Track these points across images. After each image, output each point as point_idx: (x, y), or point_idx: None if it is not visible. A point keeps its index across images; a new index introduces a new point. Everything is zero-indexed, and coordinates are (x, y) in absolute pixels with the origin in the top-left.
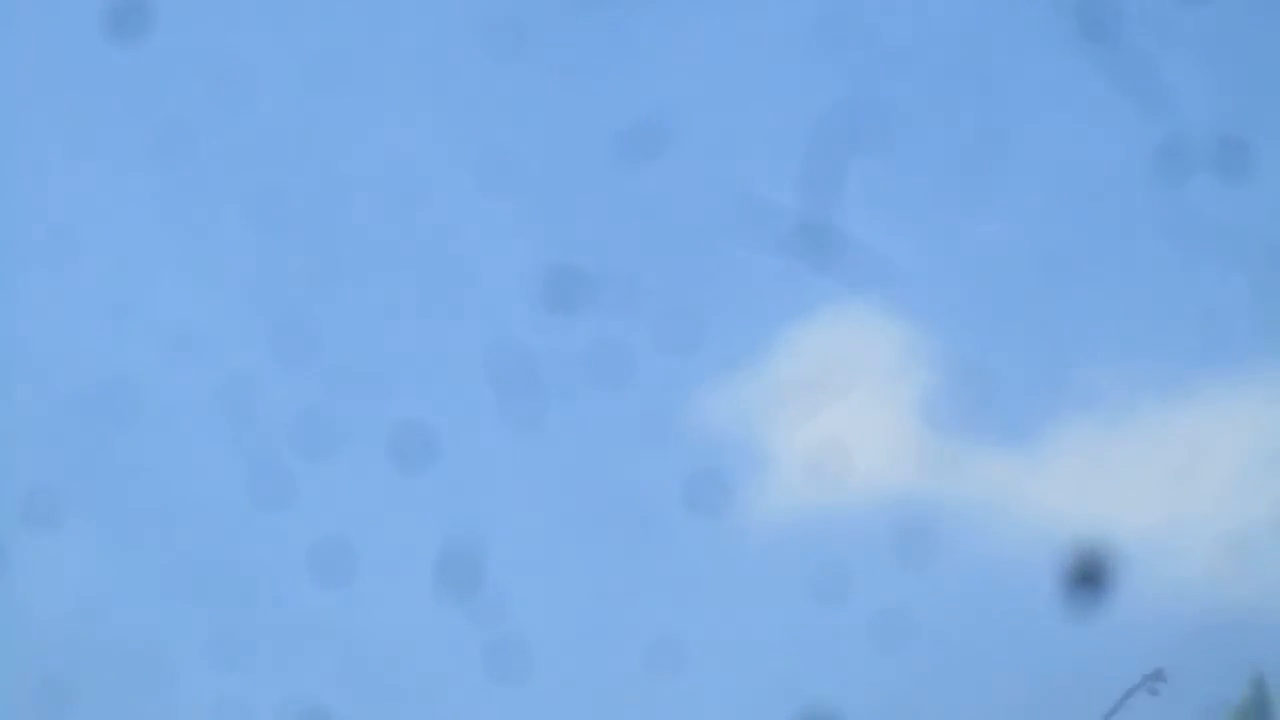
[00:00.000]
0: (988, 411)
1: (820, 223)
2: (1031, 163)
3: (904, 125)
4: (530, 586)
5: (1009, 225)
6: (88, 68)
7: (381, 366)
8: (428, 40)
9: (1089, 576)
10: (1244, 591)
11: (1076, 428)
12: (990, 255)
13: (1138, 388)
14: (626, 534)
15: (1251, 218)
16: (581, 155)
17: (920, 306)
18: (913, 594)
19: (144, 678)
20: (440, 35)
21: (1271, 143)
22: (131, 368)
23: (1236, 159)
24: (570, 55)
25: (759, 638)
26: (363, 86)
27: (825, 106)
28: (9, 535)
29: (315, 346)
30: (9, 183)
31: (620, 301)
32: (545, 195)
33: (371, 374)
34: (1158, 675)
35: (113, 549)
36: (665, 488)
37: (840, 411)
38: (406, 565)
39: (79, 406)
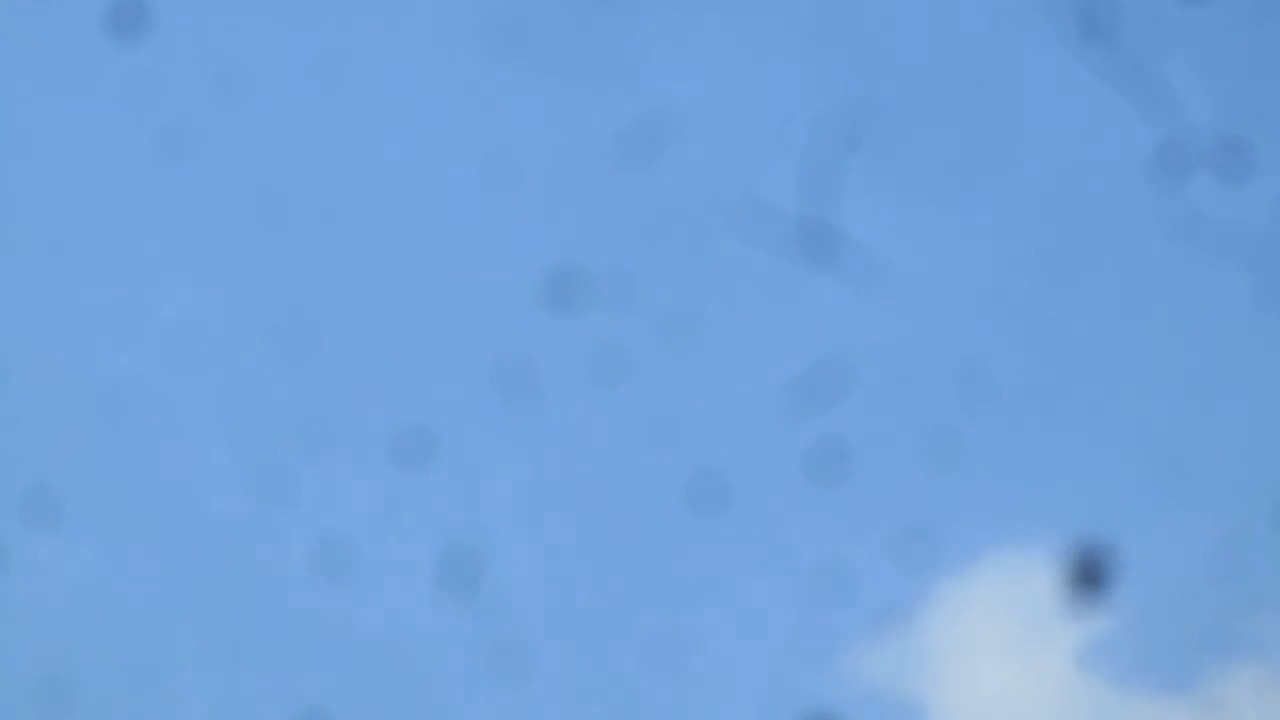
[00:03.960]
0: (1152, 658)
1: (820, 223)
2: (1031, 162)
3: (904, 125)
4: (530, 586)
5: (1009, 225)
6: (88, 68)
7: (381, 366)
8: (428, 40)
9: (1089, 576)
10: None
11: (1244, 677)
12: (990, 256)
13: None
14: (626, 534)
15: (1252, 218)
16: (581, 155)
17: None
18: None
19: (144, 678)
20: (440, 35)
21: (1272, 143)
22: (131, 368)
23: (1236, 159)
24: (570, 55)
25: (759, 638)
26: (363, 86)
27: (825, 106)
28: (9, 535)
29: (315, 346)
30: (8, 183)
31: (620, 301)
32: (545, 195)
33: (371, 374)
34: None
35: (113, 549)
36: (665, 487)
37: (995, 666)
38: (406, 565)
39: (79, 406)
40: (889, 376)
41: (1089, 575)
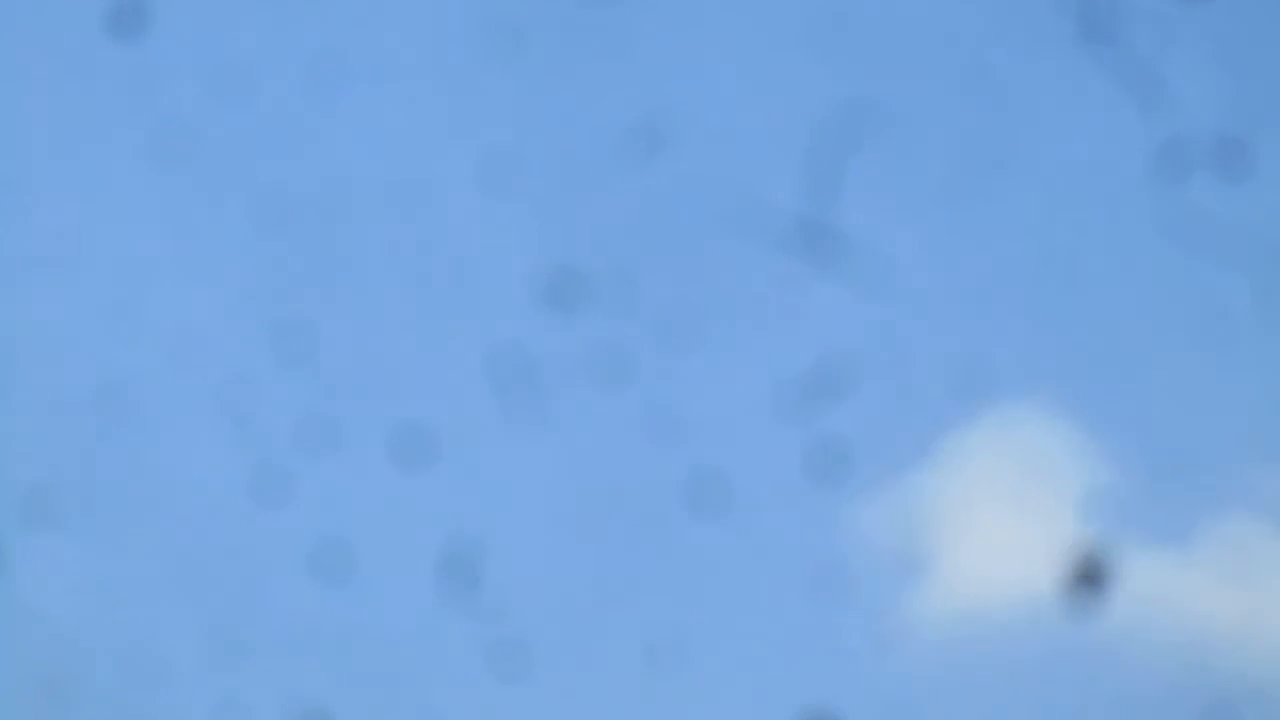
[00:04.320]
0: (1146, 509)
1: (820, 222)
2: (1031, 162)
3: (904, 125)
4: (530, 586)
5: (1009, 224)
6: (88, 68)
7: (381, 366)
8: (428, 40)
9: (1089, 576)
10: None
11: (1235, 527)
12: (990, 256)
13: None
14: (626, 534)
15: (1252, 218)
16: (581, 155)
17: (1081, 403)
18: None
19: (144, 678)
20: (440, 35)
21: (1272, 143)
22: (131, 368)
23: (1237, 159)
24: (570, 55)
25: (759, 638)
26: (363, 86)
27: (825, 106)
28: (9, 535)
29: (315, 346)
30: (7, 183)
31: (620, 301)
32: (545, 195)
33: (371, 374)
34: None
35: (113, 549)
36: (665, 488)
37: (996, 512)
38: (406, 565)
39: (79, 406)
40: (889, 377)
41: (1089, 575)
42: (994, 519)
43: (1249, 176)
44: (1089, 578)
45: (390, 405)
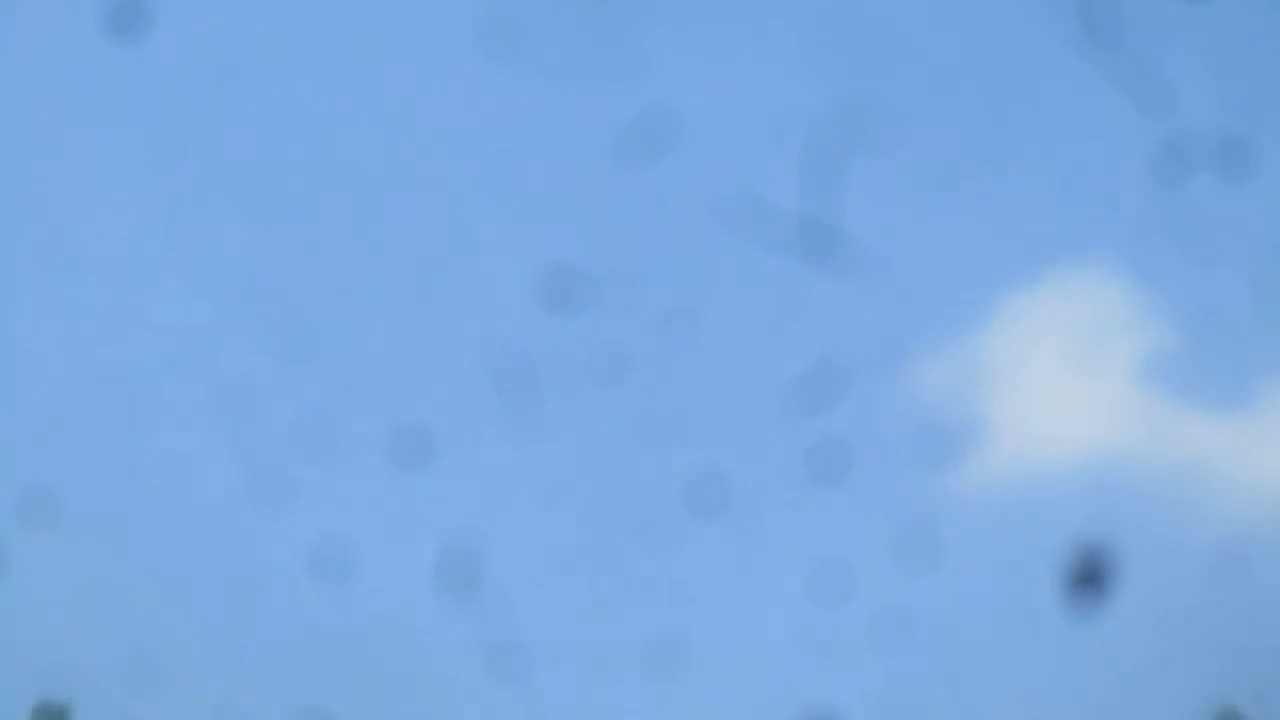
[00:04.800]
0: (1203, 374)
1: (821, 222)
2: (1031, 162)
3: (904, 125)
4: (530, 586)
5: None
6: (88, 68)
7: (381, 366)
8: (428, 40)
9: (1089, 576)
10: None
11: None
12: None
13: None
14: (626, 534)
15: (1252, 217)
16: (581, 155)
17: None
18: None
19: (144, 678)
20: (440, 35)
21: (1272, 143)
22: (131, 368)
23: (1237, 159)
24: (571, 55)
25: (759, 638)
26: (363, 86)
27: (825, 106)
28: (9, 535)
29: (315, 346)
30: (7, 182)
31: (620, 301)
32: (545, 195)
33: (371, 374)
34: None
35: (113, 549)
36: (665, 487)
37: (1050, 372)
38: (406, 565)
39: (79, 406)
40: (889, 377)
41: (1089, 575)
42: (1054, 381)
43: (1248, 176)
44: (1089, 578)
45: (390, 405)
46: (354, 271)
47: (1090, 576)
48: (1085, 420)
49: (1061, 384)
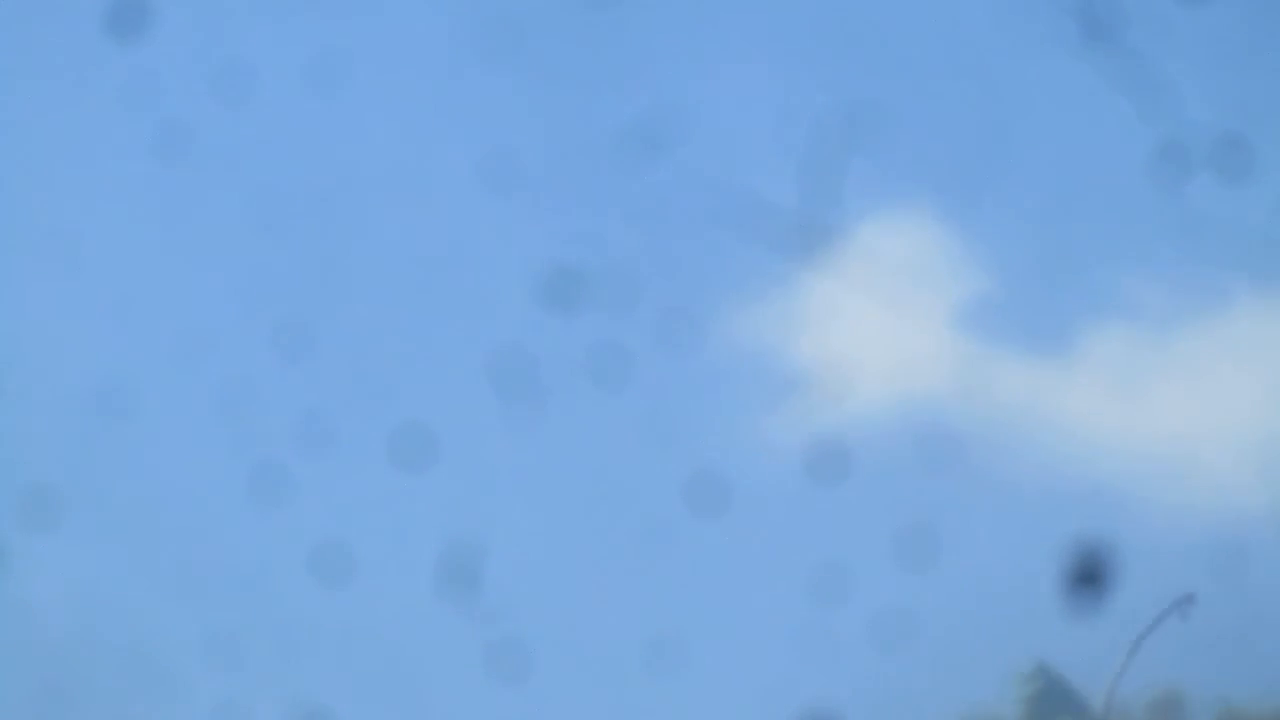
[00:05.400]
0: (1023, 319)
1: (820, 222)
2: (1031, 162)
3: (904, 125)
4: (530, 586)
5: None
6: (88, 68)
7: (381, 366)
8: (428, 40)
9: (1089, 576)
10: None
11: (1112, 336)
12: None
13: (1176, 296)
14: (626, 534)
15: (1252, 218)
16: (581, 154)
17: (964, 214)
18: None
19: (144, 678)
20: (440, 35)
21: (1272, 143)
22: (131, 368)
23: (1237, 159)
24: (570, 55)
25: (759, 638)
26: (363, 86)
27: (825, 106)
28: (9, 535)
29: (315, 346)
30: (9, 183)
31: (620, 301)
32: (545, 194)
33: (371, 374)
34: (1188, 600)
35: (113, 549)
36: (665, 487)
37: (873, 318)
38: (406, 565)
39: (79, 406)
40: (889, 377)
41: (1089, 575)
42: (872, 326)
43: (1248, 176)
44: (1089, 578)
45: (390, 405)
46: (354, 271)
47: (1089, 577)
48: (904, 365)
49: (882, 329)
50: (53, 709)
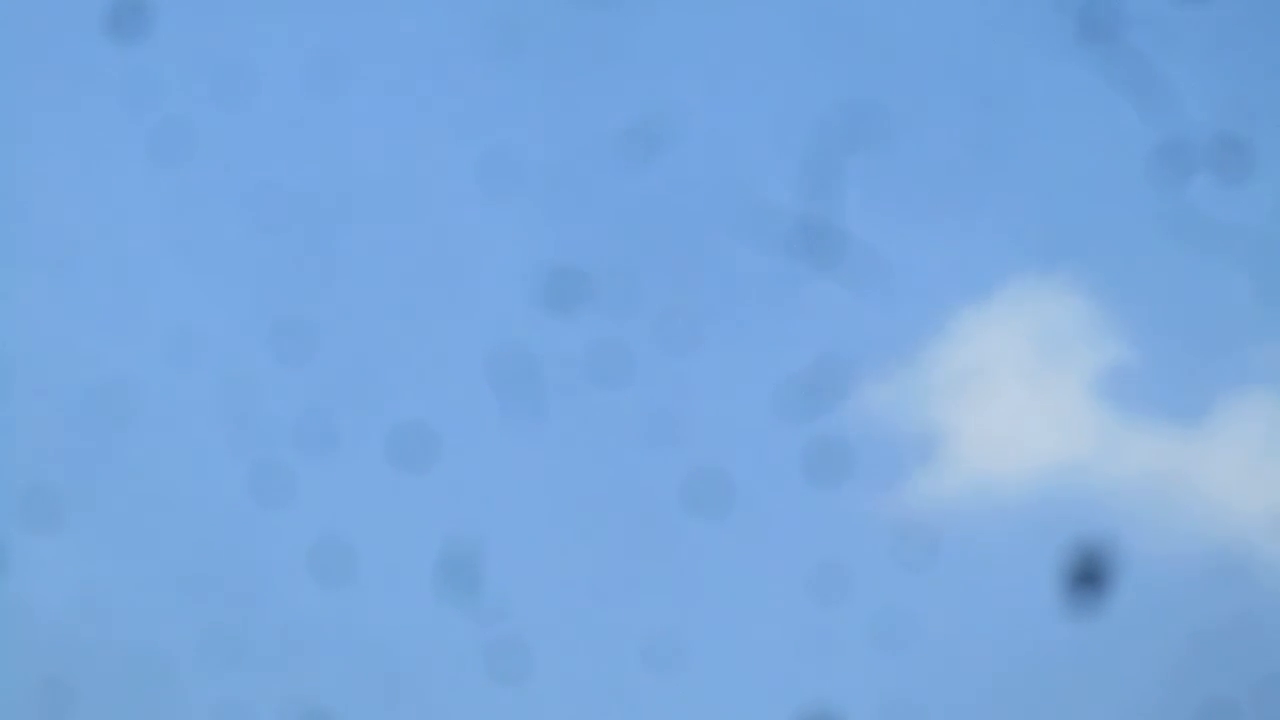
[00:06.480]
0: (1160, 387)
1: (820, 223)
2: (1031, 162)
3: (904, 125)
4: (530, 586)
5: (1009, 224)
6: (88, 68)
7: (381, 366)
8: (427, 40)
9: (1089, 576)
10: None
11: (1253, 405)
12: (990, 255)
13: None
14: (626, 534)
15: (1252, 218)
16: (581, 155)
17: (1097, 279)
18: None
19: (144, 678)
20: (440, 35)
21: (1272, 143)
22: (131, 368)
23: (1237, 159)
24: (570, 55)
25: (759, 638)
26: (363, 86)
27: (825, 106)
28: (9, 535)
29: (315, 346)
30: (8, 183)
31: (620, 301)
32: (545, 195)
33: (371, 374)
34: None
35: (113, 549)
36: (665, 487)
37: (1008, 389)
38: (406, 565)
39: (79, 406)
40: (889, 376)
41: (1089, 575)
42: (1010, 395)
43: (1248, 176)
44: (1089, 577)
45: (390, 405)
46: (354, 271)
47: (1090, 576)
48: (1044, 434)
49: (1021, 397)
50: (53, 709)
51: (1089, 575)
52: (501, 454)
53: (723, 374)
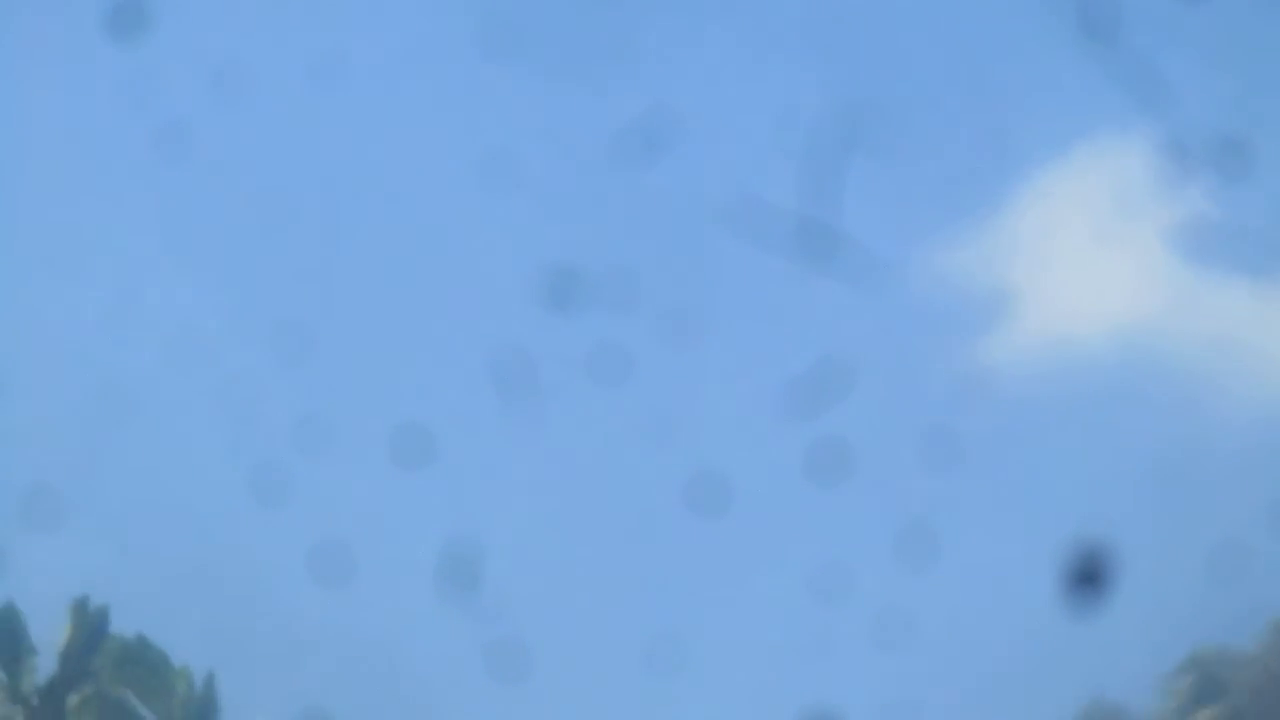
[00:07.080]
0: (1242, 242)
1: (820, 222)
2: (1031, 162)
3: (904, 125)
4: (530, 586)
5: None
6: (88, 68)
7: (381, 366)
8: (427, 41)
9: (1089, 576)
10: None
11: None
12: (990, 256)
13: None
14: (626, 534)
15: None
16: (581, 155)
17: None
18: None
19: (143, 678)
20: (440, 36)
21: (1272, 143)
22: (131, 368)
23: (1236, 159)
24: (570, 55)
25: (759, 638)
26: (362, 86)
27: (825, 106)
28: (9, 535)
29: (315, 346)
30: (8, 183)
31: (620, 301)
32: (545, 195)
33: (371, 374)
34: None
35: (113, 549)
36: (665, 487)
37: (1083, 245)
38: (406, 565)
39: (79, 406)
40: (889, 376)
41: (1089, 575)
42: (1082, 252)
43: (1248, 176)
44: (1089, 577)
45: (390, 405)
46: (354, 271)
47: (1090, 576)
48: (1115, 293)
49: (1096, 255)
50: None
51: (1089, 575)
52: (501, 454)
53: (723, 374)
